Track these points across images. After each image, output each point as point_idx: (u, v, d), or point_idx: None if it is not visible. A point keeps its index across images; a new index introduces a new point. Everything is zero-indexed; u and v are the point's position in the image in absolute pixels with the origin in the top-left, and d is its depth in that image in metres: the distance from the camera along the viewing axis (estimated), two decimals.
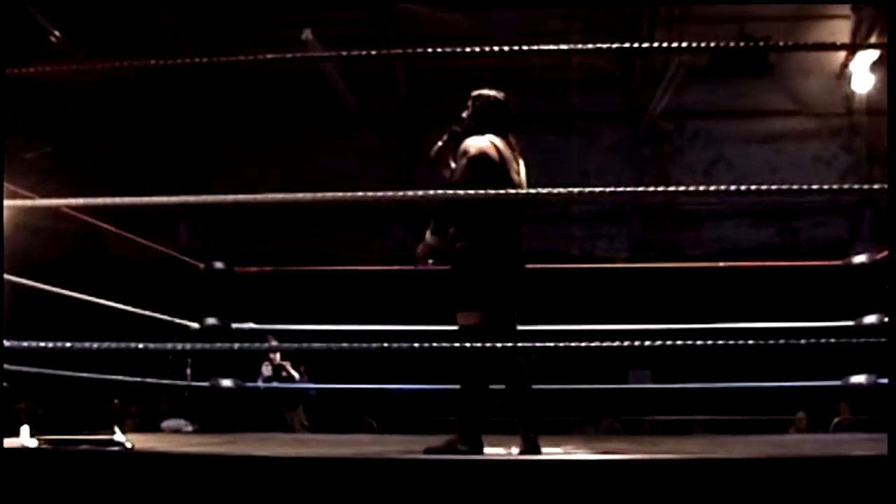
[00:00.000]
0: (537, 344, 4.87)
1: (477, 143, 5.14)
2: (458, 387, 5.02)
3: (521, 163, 5.37)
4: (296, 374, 11.67)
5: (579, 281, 12.93)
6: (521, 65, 14.95)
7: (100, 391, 13.36)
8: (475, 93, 5.44)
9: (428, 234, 5.23)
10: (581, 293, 13.14)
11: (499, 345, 4.89)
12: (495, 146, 5.17)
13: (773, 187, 4.62)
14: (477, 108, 5.37)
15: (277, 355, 11.58)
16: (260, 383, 11.30)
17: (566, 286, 12.90)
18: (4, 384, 8.55)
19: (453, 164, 5.41)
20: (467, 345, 4.81)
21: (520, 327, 5.31)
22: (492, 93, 5.41)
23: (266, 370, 11.64)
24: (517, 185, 5.27)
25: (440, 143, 5.46)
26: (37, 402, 13.26)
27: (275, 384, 11.50)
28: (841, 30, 14.98)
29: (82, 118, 16.68)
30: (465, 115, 5.41)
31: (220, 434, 8.41)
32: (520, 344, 5.01)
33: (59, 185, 13.85)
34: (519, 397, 5.07)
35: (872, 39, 14.50)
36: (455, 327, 5.13)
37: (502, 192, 5.09)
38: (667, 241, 15.97)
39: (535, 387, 5.15)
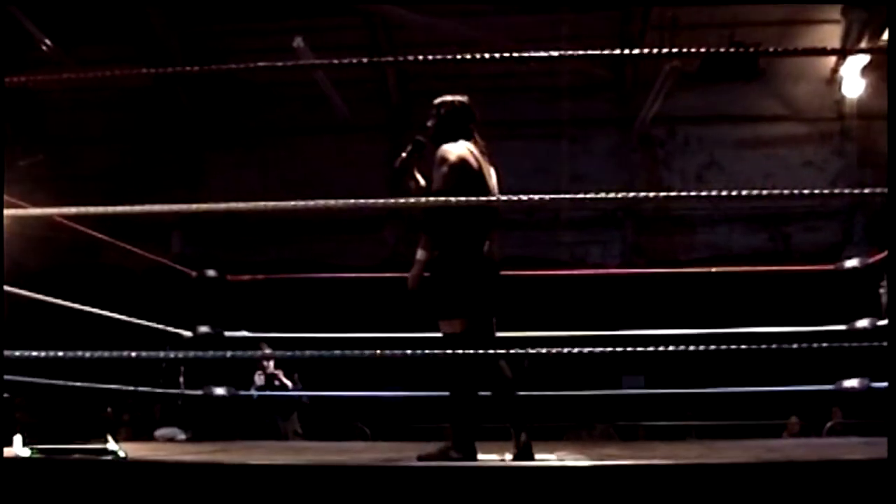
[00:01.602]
0: (530, 350, 4.88)
1: (455, 150, 5.09)
2: (449, 393, 5.01)
3: (491, 166, 5.32)
4: (288, 383, 11.66)
5: (572, 287, 12.94)
6: (512, 71, 14.98)
7: (93, 400, 13.36)
8: (438, 100, 5.38)
9: (419, 252, 5.12)
10: (574, 299, 13.14)
11: (490, 351, 4.90)
12: (472, 152, 5.14)
13: (765, 192, 4.63)
14: (442, 115, 5.31)
15: (270, 364, 11.56)
16: (253, 392, 11.27)
17: (559, 292, 12.91)
18: (5, 395, 8.54)
19: (419, 176, 5.37)
20: (459, 352, 4.79)
21: (513, 333, 5.29)
22: (455, 98, 5.35)
23: (259, 379, 11.62)
24: (492, 191, 5.24)
25: (404, 154, 5.36)
26: (30, 412, 13.24)
27: (268, 393, 11.48)
28: (831, 35, 15.03)
29: (74, 127, 16.68)
30: (429, 123, 5.36)
31: (213, 442, 8.40)
32: (511, 350, 5.01)
33: (52, 194, 13.82)
34: (506, 401, 5.06)
35: (862, 44, 14.54)
36: (440, 334, 5.11)
37: (496, 198, 5.10)
38: (659, 246, 16.00)
39: (529, 393, 5.15)
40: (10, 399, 12.92)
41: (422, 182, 5.32)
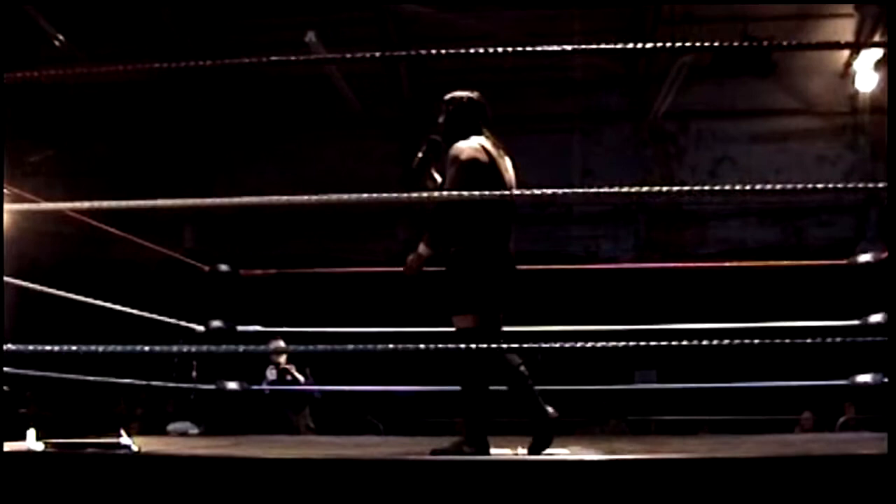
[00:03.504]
0: (543, 345, 4.88)
1: (466, 148, 5.10)
2: (461, 388, 5.03)
3: (507, 159, 5.31)
4: (300, 377, 11.65)
5: (584, 281, 12.94)
6: (524, 65, 14.97)
7: (105, 394, 13.40)
8: (447, 96, 5.39)
9: (421, 246, 5.17)
10: (586, 294, 13.14)
11: (504, 346, 4.91)
12: (484, 148, 5.13)
13: (778, 187, 4.61)
14: (452, 111, 5.33)
15: (282, 358, 11.56)
16: (265, 387, 11.27)
17: (571, 287, 12.90)
18: (5, 388, 8.56)
19: (436, 174, 5.38)
20: (472, 346, 4.80)
21: (525, 328, 5.31)
22: (464, 94, 5.36)
23: (271, 374, 11.62)
24: (508, 185, 5.22)
25: (420, 154, 5.38)
26: (43, 406, 13.29)
27: (280, 388, 11.48)
28: (844, 29, 14.98)
29: (86, 122, 16.69)
30: (441, 120, 5.37)
31: (226, 436, 8.42)
32: (525, 345, 5.01)
33: (64, 189, 13.88)
34: (520, 396, 5.08)
35: (876, 38, 14.49)
36: (452, 329, 5.13)
37: (506, 192, 5.09)
38: (672, 241, 15.98)
39: (541, 388, 5.16)
40: (23, 393, 12.99)
41: (439, 180, 5.33)
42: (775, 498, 3.66)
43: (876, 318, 7.64)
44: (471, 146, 5.11)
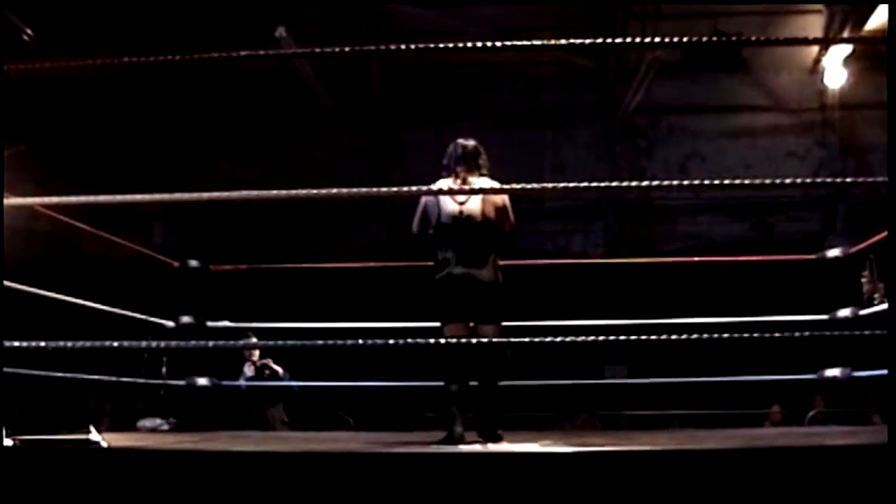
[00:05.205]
0: (513, 340, 4.90)
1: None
2: (440, 384, 5.14)
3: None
4: (279, 370, 11.61)
5: (555, 277, 12.95)
6: (495, 61, 14.97)
7: (75, 391, 13.31)
8: None
9: None
10: (556, 289, 13.15)
11: (473, 340, 4.95)
12: (439, 187, 5.78)
13: (748, 182, 4.64)
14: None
15: (256, 354, 11.51)
16: (242, 382, 11.23)
17: (541, 282, 12.92)
18: None
19: None
20: (441, 341, 4.84)
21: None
22: (451, 145, 6.02)
23: (248, 370, 11.57)
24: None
25: None
26: (11, 403, 13.18)
27: (256, 383, 11.42)
28: (814, 25, 15.07)
29: (57, 116, 16.58)
30: None
31: (196, 433, 8.39)
32: (495, 339, 5.09)
33: (34, 184, 13.77)
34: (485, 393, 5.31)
35: (845, 34, 14.57)
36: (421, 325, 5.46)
37: (468, 188, 5.13)
38: (642, 236, 16.01)
39: (510, 383, 5.25)
40: None
41: None
42: (745, 490, 3.68)
43: (844, 312, 7.71)
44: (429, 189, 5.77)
